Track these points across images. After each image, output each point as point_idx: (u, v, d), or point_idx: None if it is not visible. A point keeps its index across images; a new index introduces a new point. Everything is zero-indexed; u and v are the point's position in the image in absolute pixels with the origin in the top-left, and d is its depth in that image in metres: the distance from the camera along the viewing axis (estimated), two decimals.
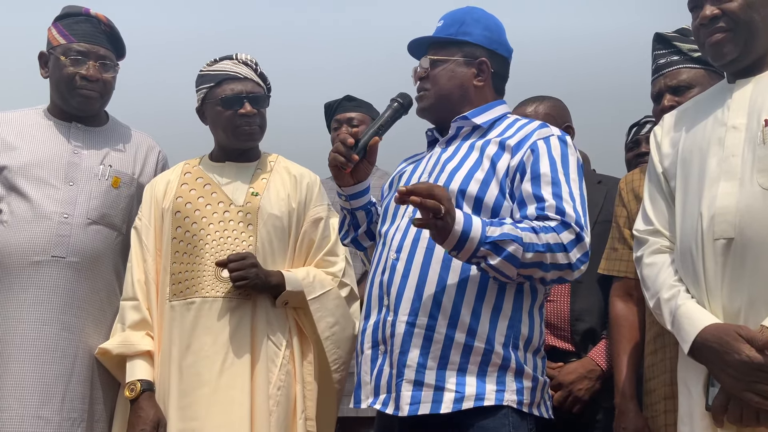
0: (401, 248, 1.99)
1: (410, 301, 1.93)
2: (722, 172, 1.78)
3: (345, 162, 2.05)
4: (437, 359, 1.89)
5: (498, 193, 1.98)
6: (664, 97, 2.31)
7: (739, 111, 1.83)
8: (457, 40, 2.15)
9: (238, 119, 2.41)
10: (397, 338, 1.93)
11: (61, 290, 2.36)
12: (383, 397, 1.94)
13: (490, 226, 1.84)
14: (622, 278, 2.31)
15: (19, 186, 2.41)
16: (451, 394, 1.87)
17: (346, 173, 2.10)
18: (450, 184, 2.00)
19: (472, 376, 1.89)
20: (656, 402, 2.11)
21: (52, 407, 2.29)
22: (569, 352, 2.50)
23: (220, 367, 2.27)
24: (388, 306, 1.97)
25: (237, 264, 2.28)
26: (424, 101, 2.17)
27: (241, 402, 2.25)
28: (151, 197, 2.49)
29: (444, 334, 1.90)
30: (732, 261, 1.72)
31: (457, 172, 2.02)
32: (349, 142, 2.05)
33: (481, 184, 1.98)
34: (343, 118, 3.38)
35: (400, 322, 1.93)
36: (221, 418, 2.23)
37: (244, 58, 2.48)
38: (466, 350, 1.90)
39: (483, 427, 1.87)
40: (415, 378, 1.89)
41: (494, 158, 2.02)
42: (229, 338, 2.29)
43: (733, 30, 1.85)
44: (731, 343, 1.67)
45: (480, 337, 1.90)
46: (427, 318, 1.91)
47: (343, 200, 2.19)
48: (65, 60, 2.47)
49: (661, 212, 1.96)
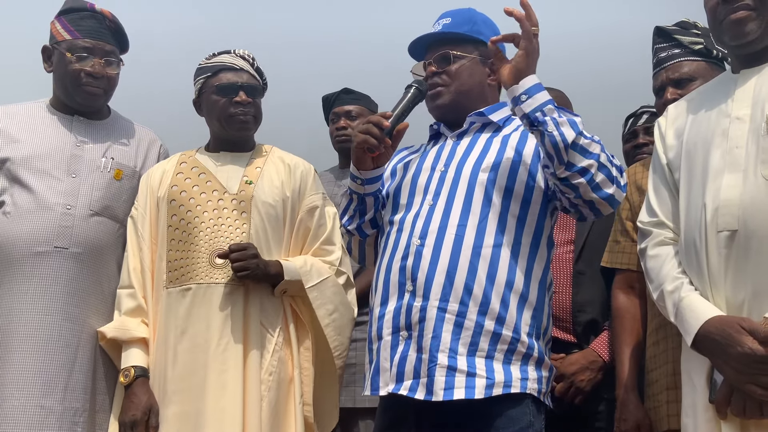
0: (426, 234, 1.98)
1: (441, 287, 1.92)
2: (726, 164, 1.78)
3: (377, 145, 2.02)
4: (467, 345, 1.90)
5: (528, 178, 2.00)
6: (666, 91, 2.32)
7: (744, 102, 1.82)
8: (473, 38, 2.16)
9: (233, 107, 2.44)
10: (428, 323, 1.91)
11: (64, 281, 2.36)
12: (409, 383, 1.92)
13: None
14: (625, 270, 2.32)
15: (22, 178, 2.41)
16: (482, 380, 1.87)
17: (370, 157, 2.08)
18: (478, 175, 2.01)
19: (498, 363, 1.90)
20: (658, 393, 2.12)
21: (55, 397, 2.29)
22: (571, 343, 2.52)
23: (213, 352, 2.29)
24: (414, 291, 1.95)
25: (239, 254, 2.29)
26: (442, 97, 2.16)
27: (234, 387, 2.27)
28: (146, 186, 2.51)
29: (474, 320, 1.90)
30: (736, 253, 1.72)
31: (482, 163, 2.03)
32: (385, 125, 2.02)
33: (509, 173, 2.00)
34: (341, 111, 3.37)
35: (432, 307, 1.92)
36: (215, 403, 2.25)
37: (242, 53, 2.53)
38: (495, 338, 1.91)
39: (508, 415, 1.88)
40: (448, 363, 1.89)
41: (518, 146, 2.04)
42: (223, 324, 2.30)
43: (758, 9, 1.83)
44: (734, 335, 1.67)
45: (508, 325, 1.92)
46: (458, 304, 1.91)
47: (357, 184, 2.14)
48: (71, 56, 2.47)
49: (665, 204, 1.95)
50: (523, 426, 1.89)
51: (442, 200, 2.01)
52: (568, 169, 1.86)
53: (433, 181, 2.07)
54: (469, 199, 1.99)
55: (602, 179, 1.88)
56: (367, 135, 2.02)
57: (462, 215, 1.98)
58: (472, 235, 1.94)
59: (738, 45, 1.87)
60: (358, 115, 3.33)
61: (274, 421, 2.31)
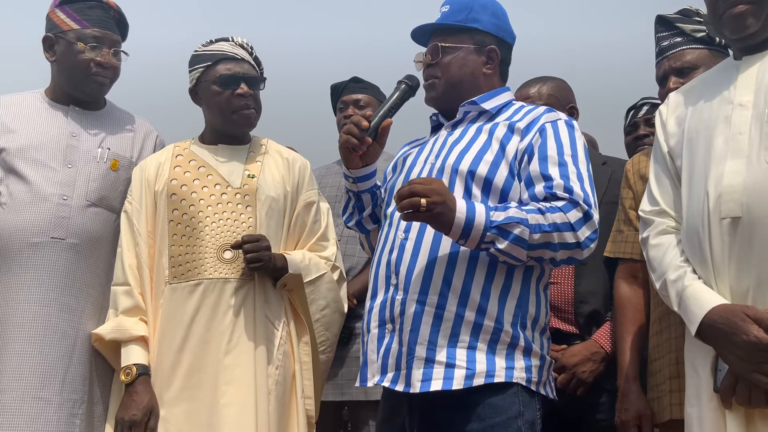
0: (410, 228, 1.99)
1: (420, 280, 1.92)
2: (729, 151, 1.76)
3: (358, 144, 2.04)
4: (447, 337, 1.89)
5: (507, 174, 1.98)
6: (669, 80, 2.30)
7: (746, 88, 1.81)
8: (467, 27, 2.13)
9: (236, 100, 2.40)
10: (407, 316, 1.92)
11: (61, 272, 2.35)
12: (391, 375, 1.94)
13: (495, 211, 1.84)
14: (628, 260, 2.31)
15: (18, 168, 2.39)
16: (462, 371, 1.87)
17: (356, 156, 2.09)
18: (459, 166, 2.00)
19: (482, 353, 1.89)
20: (661, 382, 2.10)
21: (53, 388, 2.28)
22: (573, 334, 2.50)
23: (225, 347, 2.27)
24: (397, 285, 1.96)
25: (252, 245, 2.27)
26: (434, 90, 2.16)
27: (247, 382, 2.25)
28: (141, 180, 2.46)
29: (454, 312, 1.90)
30: (739, 240, 1.70)
31: (465, 153, 2.02)
32: (363, 125, 2.04)
33: (490, 166, 1.98)
34: (350, 100, 3.35)
35: (411, 300, 1.92)
36: (227, 398, 2.23)
37: (241, 41, 2.47)
38: (476, 328, 1.90)
39: (494, 405, 1.87)
40: (426, 355, 1.89)
41: (503, 140, 2.02)
42: (234, 319, 2.28)
43: (756, 3, 1.83)
44: (739, 324, 1.66)
45: (489, 315, 1.90)
46: (437, 297, 1.91)
47: (350, 182, 2.18)
48: (83, 46, 2.45)
49: (667, 192, 1.94)
50: (511, 416, 1.87)
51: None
52: (532, 257, 1.89)
53: (423, 174, 2.07)
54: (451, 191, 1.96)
55: (563, 252, 1.89)
56: (348, 135, 2.04)
57: None
58: None
59: (738, 38, 1.87)
60: (366, 104, 3.30)
61: (280, 415, 2.30)
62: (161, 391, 2.28)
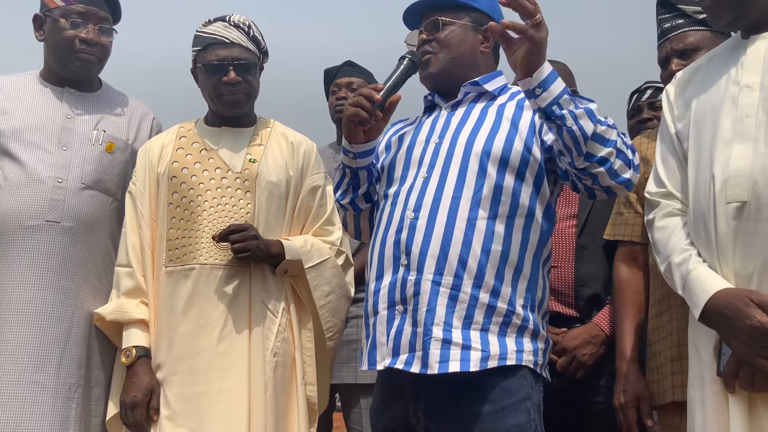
0: (420, 207, 1.96)
1: (435, 260, 1.90)
2: (736, 134, 1.74)
3: (368, 118, 1.99)
4: (462, 318, 1.88)
5: (523, 149, 1.96)
6: (671, 62, 2.29)
7: (753, 69, 1.78)
8: (464, 4, 2.11)
9: (222, 87, 2.36)
10: (422, 296, 1.90)
11: (56, 255, 2.32)
12: (405, 356, 1.91)
13: None
14: (627, 243, 2.30)
15: (12, 150, 2.36)
16: (477, 353, 1.85)
17: (363, 130, 2.05)
18: (473, 146, 1.97)
19: (494, 335, 1.88)
20: (662, 364, 2.10)
21: (48, 372, 2.26)
22: (573, 317, 2.50)
23: (219, 334, 2.25)
24: (408, 265, 1.93)
25: (239, 236, 2.24)
26: (432, 66, 2.11)
27: (240, 368, 2.24)
28: (145, 161, 2.44)
29: (469, 293, 1.88)
30: (745, 225, 1.69)
31: (477, 134, 2.00)
32: (376, 98, 1.98)
33: (504, 144, 1.96)
34: (343, 83, 3.33)
35: (426, 280, 1.90)
36: (219, 385, 2.22)
37: (237, 20, 2.39)
38: (490, 310, 1.89)
39: (504, 387, 1.87)
40: (443, 336, 1.87)
41: (514, 118, 2.00)
42: (228, 306, 2.27)
43: None
44: (742, 308, 1.65)
45: (503, 297, 1.90)
46: (452, 277, 1.89)
47: (349, 158, 2.12)
48: (65, 23, 2.41)
49: (674, 174, 1.92)
50: (521, 398, 1.87)
51: (437, 173, 1.98)
52: (588, 160, 1.83)
53: (427, 154, 2.04)
54: (464, 172, 1.96)
55: (620, 165, 1.86)
56: (358, 108, 1.98)
57: (456, 187, 1.95)
58: (466, 207, 1.92)
59: (720, 28, 1.89)
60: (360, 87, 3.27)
61: (278, 402, 2.28)
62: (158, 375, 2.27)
